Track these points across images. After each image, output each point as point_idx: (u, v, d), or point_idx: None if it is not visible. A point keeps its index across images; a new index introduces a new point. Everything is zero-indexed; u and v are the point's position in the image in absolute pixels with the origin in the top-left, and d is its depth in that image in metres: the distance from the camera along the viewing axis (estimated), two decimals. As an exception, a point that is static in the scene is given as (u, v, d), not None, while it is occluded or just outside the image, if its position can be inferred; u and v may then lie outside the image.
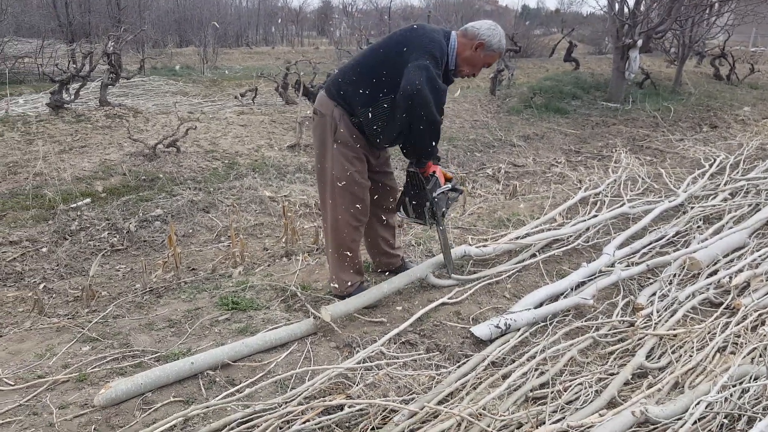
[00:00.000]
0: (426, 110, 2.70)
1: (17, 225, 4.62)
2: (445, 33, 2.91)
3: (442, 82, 2.82)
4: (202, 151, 6.34)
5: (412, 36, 2.83)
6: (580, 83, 11.66)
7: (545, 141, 8.29)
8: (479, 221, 4.64)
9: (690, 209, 4.99)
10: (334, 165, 2.95)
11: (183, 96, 11.79)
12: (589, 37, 28.39)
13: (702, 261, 3.84)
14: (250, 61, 21.20)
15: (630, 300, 3.44)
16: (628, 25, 10.40)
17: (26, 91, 11.67)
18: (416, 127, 2.78)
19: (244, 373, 2.62)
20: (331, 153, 2.95)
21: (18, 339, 2.98)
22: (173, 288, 3.63)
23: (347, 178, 2.95)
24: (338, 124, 2.90)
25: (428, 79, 2.67)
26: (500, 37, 2.93)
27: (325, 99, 2.96)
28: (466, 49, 2.92)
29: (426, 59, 2.70)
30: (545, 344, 2.83)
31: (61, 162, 5.99)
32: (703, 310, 3.36)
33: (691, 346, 2.86)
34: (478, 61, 2.95)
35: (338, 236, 3.06)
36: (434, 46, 2.78)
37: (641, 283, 3.73)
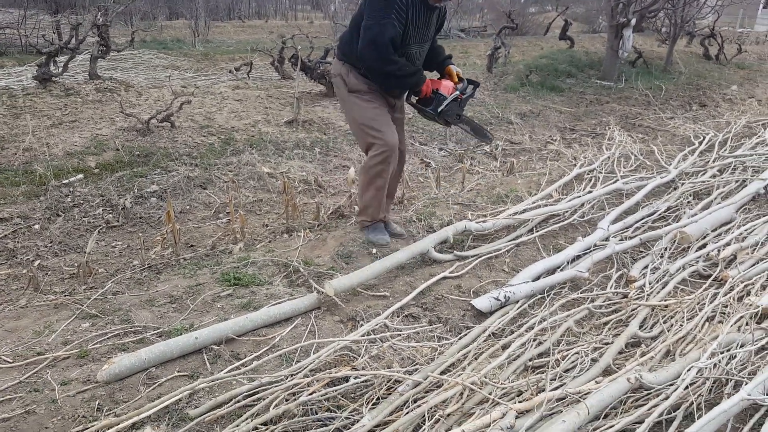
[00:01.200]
0: (374, 66, 3.10)
1: (7, 202, 4.54)
2: None
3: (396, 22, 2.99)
4: (197, 126, 6.26)
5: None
6: (574, 62, 11.61)
7: (541, 119, 8.27)
8: (478, 197, 4.64)
9: (681, 185, 5.11)
10: (354, 111, 3.30)
11: (175, 70, 11.57)
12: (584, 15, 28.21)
13: (692, 235, 3.95)
14: (243, 35, 20.86)
15: (623, 273, 3.53)
16: (622, 4, 10.34)
17: (8, 63, 11.39)
18: (377, 78, 3.20)
19: (249, 348, 2.62)
20: (349, 103, 3.30)
21: (14, 316, 2.94)
22: (172, 264, 3.60)
23: (368, 119, 3.26)
24: (347, 78, 3.25)
25: (370, 39, 2.99)
26: None
27: (335, 62, 3.38)
28: None
29: (370, 17, 3.00)
30: (543, 315, 2.91)
31: (51, 137, 5.88)
32: (692, 282, 3.49)
33: (681, 316, 2.98)
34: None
35: (365, 172, 3.38)
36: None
37: (634, 256, 3.84)
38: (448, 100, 3.23)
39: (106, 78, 8.14)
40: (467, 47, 17.11)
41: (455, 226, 3.68)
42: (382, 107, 3.31)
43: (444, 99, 3.23)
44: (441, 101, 3.23)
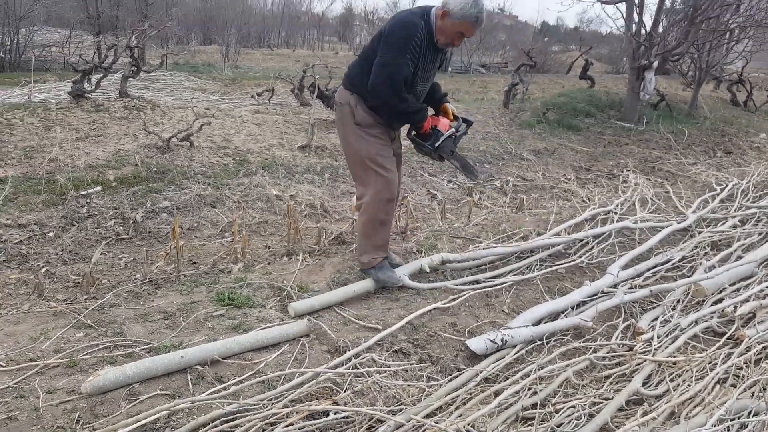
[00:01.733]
0: (385, 102, 3.12)
1: (27, 208, 4.67)
2: (423, 10, 3.14)
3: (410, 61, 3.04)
4: (214, 147, 6.38)
5: (387, 27, 3.14)
6: (594, 101, 11.59)
7: (556, 156, 8.24)
8: (483, 232, 4.61)
9: (698, 233, 4.90)
10: (359, 144, 3.25)
11: (202, 92, 11.91)
12: (608, 56, 28.28)
13: (708, 288, 3.78)
14: (271, 62, 21.37)
15: (631, 323, 3.38)
16: (644, 46, 10.33)
17: (51, 78, 11.86)
18: (386, 113, 3.23)
19: (233, 371, 2.62)
20: (354, 135, 3.26)
21: (15, 321, 3.00)
22: (172, 280, 3.64)
23: (373, 154, 3.23)
24: (355, 109, 3.23)
25: (387, 76, 3.02)
26: (464, 5, 3.04)
27: (342, 90, 3.34)
28: (438, 18, 3.11)
29: (387, 54, 3.03)
30: (541, 363, 2.80)
31: (76, 149, 6.05)
32: (705, 339, 3.30)
33: (690, 375, 2.81)
34: (447, 29, 3.11)
35: (371, 209, 3.30)
36: (401, 34, 3.03)
37: (644, 306, 3.68)
38: (444, 136, 3.32)
39: (135, 96, 8.38)
40: (487, 82, 17.26)
41: (431, 258, 3.69)
42: (386, 143, 3.33)
43: (441, 135, 3.32)
44: (438, 137, 3.31)
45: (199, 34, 28.46)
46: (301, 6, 44.74)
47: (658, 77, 11.64)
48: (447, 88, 3.73)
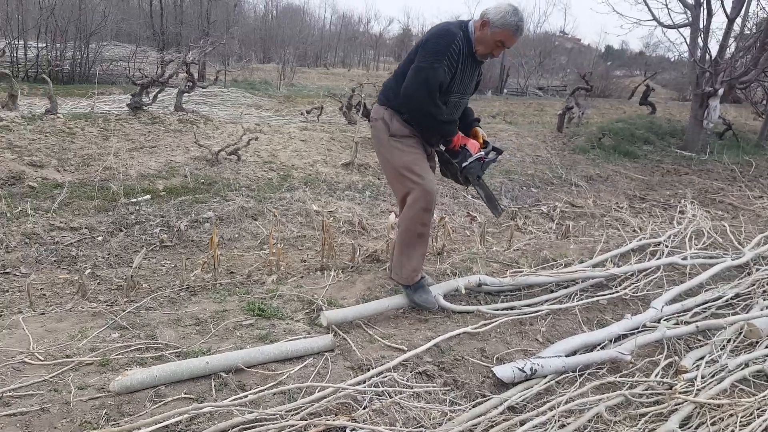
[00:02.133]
0: (419, 107, 3.09)
1: (80, 213, 4.89)
2: (461, 22, 3.17)
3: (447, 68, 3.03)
4: (260, 161, 6.53)
5: (423, 38, 3.17)
6: (654, 128, 11.27)
7: (609, 183, 8.03)
8: (522, 258, 4.51)
9: (755, 271, 4.63)
10: (393, 155, 3.24)
11: (256, 109, 12.26)
12: (674, 82, 27.53)
13: (762, 329, 3.54)
14: (326, 81, 21.80)
15: (673, 361, 3.20)
16: (709, 73, 9.99)
17: (116, 91, 12.47)
18: (418, 120, 3.18)
19: (256, 380, 2.63)
20: (388, 146, 3.25)
21: (57, 318, 3.12)
22: (208, 288, 3.72)
23: (408, 162, 3.20)
24: (390, 122, 3.23)
25: (423, 80, 3.02)
26: (504, 14, 3.03)
27: (377, 107, 3.36)
28: (477, 29, 3.11)
29: (423, 59, 3.04)
30: (572, 395, 2.68)
31: (130, 159, 6.32)
32: (755, 383, 3.10)
33: (734, 419, 2.63)
34: (487, 39, 3.10)
35: (407, 219, 3.24)
36: (439, 41, 3.04)
37: (690, 344, 3.48)
38: (473, 157, 3.26)
39: (190, 110, 8.71)
40: (543, 105, 17.06)
41: (468, 278, 3.60)
42: (422, 154, 3.29)
43: (470, 155, 3.26)
44: (467, 156, 3.26)
45: (259, 53, 29.40)
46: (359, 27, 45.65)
47: (726, 105, 11.21)
48: (501, 110, 3.72)
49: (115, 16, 18.57)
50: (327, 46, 38.28)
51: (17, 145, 6.15)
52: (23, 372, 2.49)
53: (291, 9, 41.12)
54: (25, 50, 14.84)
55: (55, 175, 5.65)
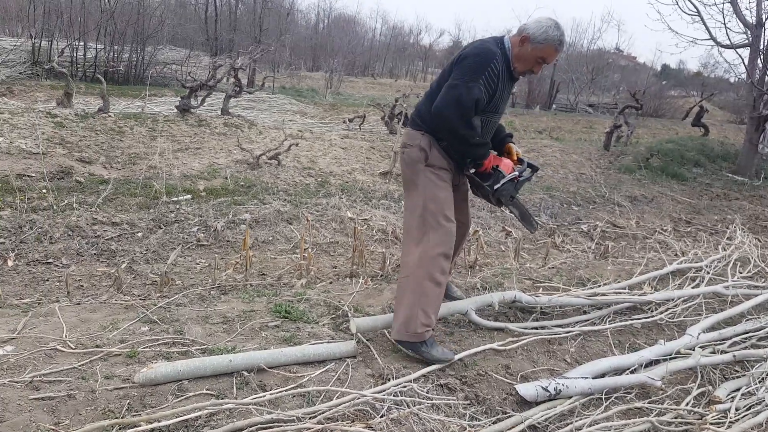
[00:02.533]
0: (450, 127, 2.85)
1: (123, 209, 5.05)
2: (497, 39, 2.98)
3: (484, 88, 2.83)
4: (300, 167, 6.62)
5: (459, 56, 2.94)
6: (705, 150, 10.92)
7: (654, 205, 7.80)
8: (557, 276, 4.42)
9: (803, 303, 4.42)
10: (426, 187, 2.97)
11: (301, 116, 12.45)
12: (732, 104, 26.67)
13: (806, 362, 3.39)
14: (372, 91, 21.97)
15: (707, 390, 3.08)
16: (767, 95, 9.63)
17: (167, 93, 12.87)
18: (448, 140, 2.95)
19: (277, 381, 2.64)
20: (424, 177, 2.97)
21: (91, 309, 3.22)
22: (239, 288, 3.78)
23: (441, 200, 2.97)
24: (430, 150, 2.97)
25: (456, 98, 2.79)
26: (546, 28, 2.85)
27: (412, 132, 3.05)
28: (515, 46, 2.93)
29: (459, 77, 2.83)
30: (596, 418, 2.61)
31: (174, 159, 6.50)
32: None
33: None
34: (527, 55, 2.92)
35: (426, 265, 2.91)
36: (477, 60, 2.84)
37: (725, 374, 3.34)
38: (506, 178, 3.04)
39: (235, 115, 8.91)
40: (593, 122, 16.75)
41: (504, 294, 3.50)
42: (451, 190, 3.05)
43: (502, 177, 3.04)
44: (499, 178, 3.04)
45: (308, 61, 29.90)
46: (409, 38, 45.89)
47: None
48: (548, 126, 3.63)
49: (172, 21, 19.21)
50: (376, 56, 38.60)
51: (69, 141, 6.42)
52: (54, 359, 2.58)
53: (342, 19, 41.73)
54: (85, 51, 15.47)
55: (102, 171, 5.86)
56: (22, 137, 6.40)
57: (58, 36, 15.21)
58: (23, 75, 13.38)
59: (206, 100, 8.70)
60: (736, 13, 10.67)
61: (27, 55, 14.59)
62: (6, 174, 5.42)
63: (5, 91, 10.71)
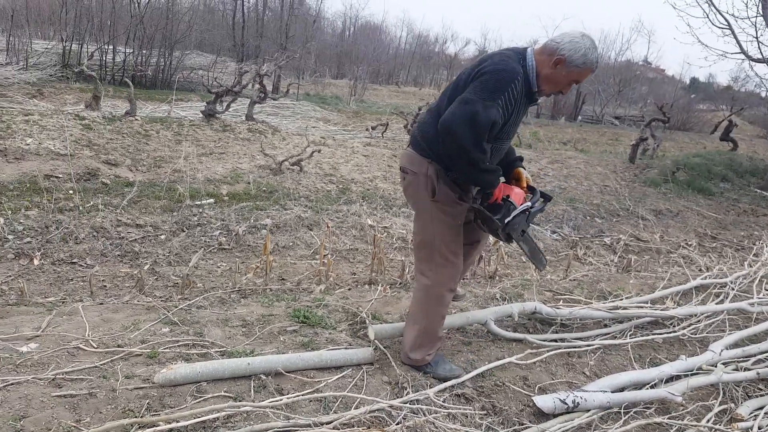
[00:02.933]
0: (459, 146, 2.47)
1: (147, 211, 5.13)
2: (519, 54, 2.61)
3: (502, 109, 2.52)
4: (321, 174, 6.67)
5: (477, 69, 2.58)
6: (734, 165, 10.73)
7: (679, 219, 7.69)
8: (578, 289, 4.38)
9: (832, 322, 4.31)
10: (434, 225, 2.72)
11: (324, 122, 12.54)
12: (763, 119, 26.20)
13: (833, 382, 3.30)
14: (396, 99, 22.05)
15: (729, 408, 3.02)
16: (798, 111, 9.47)
17: (194, 98, 13.07)
18: (455, 163, 2.58)
19: (294, 385, 2.66)
20: (430, 215, 2.73)
21: (113, 309, 3.28)
22: (258, 292, 3.81)
23: (448, 241, 2.74)
24: (437, 183, 2.67)
25: (470, 114, 2.43)
26: (585, 50, 2.55)
27: (415, 156, 2.71)
28: (545, 66, 2.59)
29: (476, 92, 2.48)
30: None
31: (199, 163, 6.59)
32: None
33: None
34: (559, 78, 2.61)
35: (430, 302, 2.83)
36: (498, 78, 2.50)
37: (749, 392, 3.27)
38: (518, 210, 2.69)
39: (259, 120, 9.01)
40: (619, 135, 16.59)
41: (524, 305, 3.47)
42: (461, 222, 2.80)
43: (514, 208, 2.68)
44: (510, 210, 2.68)
45: (333, 68, 30.12)
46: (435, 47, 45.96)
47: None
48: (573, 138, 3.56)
49: (200, 27, 19.53)
50: (400, 64, 38.72)
51: (96, 144, 6.55)
52: (77, 357, 2.63)
53: (368, 27, 41.97)
54: (114, 55, 15.81)
55: (127, 173, 5.97)
56: (50, 138, 6.55)
57: (88, 39, 15.56)
58: (53, 77, 13.70)
59: (231, 106, 8.81)
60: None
61: (58, 57, 14.95)
62: (34, 174, 5.56)
63: (36, 93, 10.97)
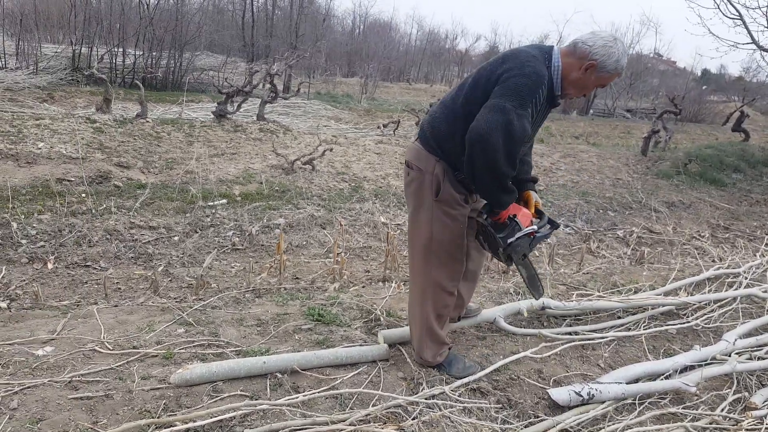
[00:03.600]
0: (491, 158, 2.33)
1: (160, 213, 5.18)
2: (545, 54, 2.47)
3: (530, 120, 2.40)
4: (334, 172, 6.68)
5: (502, 67, 2.42)
6: (746, 156, 10.62)
7: (691, 211, 7.63)
8: (591, 281, 4.37)
9: None
10: (435, 227, 2.62)
11: (336, 121, 12.56)
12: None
13: None
14: (407, 96, 22.03)
15: (743, 397, 3.02)
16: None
17: (205, 99, 13.14)
18: (479, 175, 2.42)
19: (310, 383, 2.68)
20: (429, 214, 2.61)
21: (128, 311, 3.32)
22: (273, 291, 3.84)
23: (447, 242, 2.65)
24: (442, 182, 2.56)
25: (505, 123, 2.29)
26: (619, 56, 2.44)
27: (422, 152, 2.61)
28: (573, 69, 2.47)
29: (508, 99, 2.32)
30: (629, 423, 2.58)
31: (211, 164, 6.63)
32: None
33: None
34: (588, 83, 2.51)
35: (433, 302, 2.75)
36: (527, 82, 2.35)
37: (762, 381, 3.27)
38: (523, 232, 2.55)
39: (271, 120, 9.05)
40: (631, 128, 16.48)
41: (532, 301, 3.47)
42: (463, 225, 2.67)
43: (519, 229, 2.55)
44: (515, 231, 2.55)
45: (344, 67, 30.14)
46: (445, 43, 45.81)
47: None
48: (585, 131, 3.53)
49: (209, 28, 19.61)
50: (411, 61, 38.64)
51: (107, 146, 6.61)
52: (92, 359, 2.67)
53: (378, 24, 41.92)
54: (124, 57, 15.89)
55: (139, 176, 6.02)
56: (62, 142, 6.63)
57: (97, 42, 15.66)
58: (64, 81, 13.80)
59: (242, 106, 8.86)
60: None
61: (67, 61, 15.06)
62: (47, 178, 5.62)
63: (46, 97, 11.08)
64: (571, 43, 2.52)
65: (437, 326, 2.80)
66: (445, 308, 2.79)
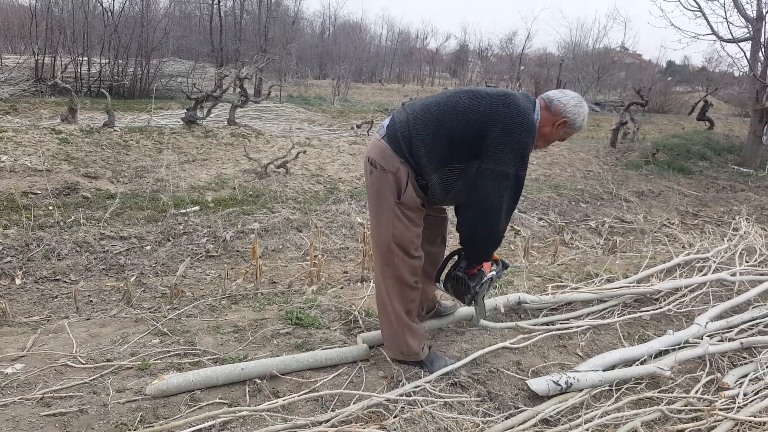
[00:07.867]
0: (494, 221, 2.54)
1: (131, 223, 5.10)
2: (532, 104, 2.64)
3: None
4: (308, 174, 6.66)
5: (504, 120, 2.51)
6: (711, 144, 10.91)
7: (661, 199, 7.79)
8: (566, 272, 4.42)
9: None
10: (393, 226, 2.65)
11: (309, 123, 12.50)
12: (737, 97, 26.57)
13: (813, 347, 3.39)
14: (380, 96, 22.05)
15: (715, 378, 3.11)
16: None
17: (174, 106, 12.96)
18: (480, 238, 2.63)
19: (290, 387, 2.66)
20: (389, 215, 2.64)
21: (101, 324, 3.25)
22: (249, 297, 3.81)
23: (406, 241, 2.69)
24: (405, 186, 2.60)
25: (512, 189, 2.50)
26: (584, 117, 2.68)
27: (389, 152, 2.60)
28: (547, 124, 2.65)
29: (512, 163, 2.48)
30: (607, 409, 2.63)
31: (182, 171, 6.55)
32: None
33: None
34: (554, 137, 2.71)
35: (399, 299, 2.78)
36: (525, 141, 2.52)
37: (734, 361, 3.37)
38: (486, 278, 2.82)
39: (242, 125, 8.96)
40: (600, 120, 16.71)
41: (507, 297, 3.53)
42: (421, 225, 2.76)
43: (483, 276, 2.80)
44: (482, 278, 2.80)
45: (315, 69, 30.02)
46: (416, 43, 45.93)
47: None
48: None
49: (176, 33, 19.33)
50: (382, 62, 38.66)
51: (74, 157, 6.48)
52: (65, 375, 2.60)
53: (348, 25, 41.76)
54: (89, 66, 15.50)
55: (108, 186, 5.92)
56: (26, 155, 6.47)
57: (61, 52, 15.30)
58: (27, 92, 13.46)
59: (212, 111, 8.76)
60: (737, 8, 10.72)
61: (30, 72, 14.67)
62: (11, 192, 5.48)
63: (9, 110, 10.79)
64: (547, 99, 2.69)
65: (410, 320, 2.84)
66: (412, 302, 2.84)
